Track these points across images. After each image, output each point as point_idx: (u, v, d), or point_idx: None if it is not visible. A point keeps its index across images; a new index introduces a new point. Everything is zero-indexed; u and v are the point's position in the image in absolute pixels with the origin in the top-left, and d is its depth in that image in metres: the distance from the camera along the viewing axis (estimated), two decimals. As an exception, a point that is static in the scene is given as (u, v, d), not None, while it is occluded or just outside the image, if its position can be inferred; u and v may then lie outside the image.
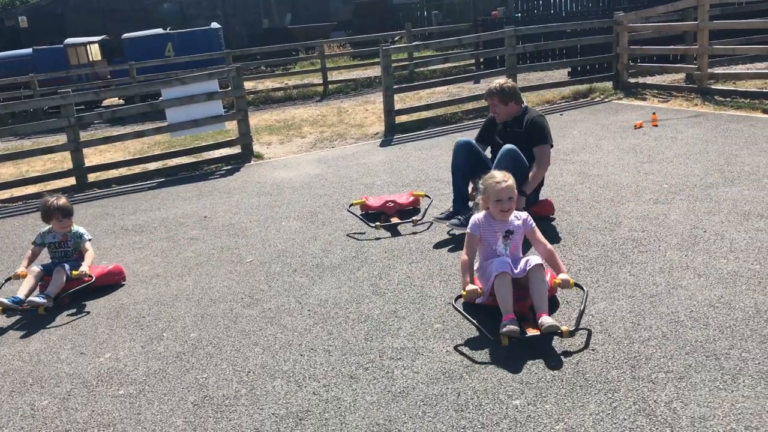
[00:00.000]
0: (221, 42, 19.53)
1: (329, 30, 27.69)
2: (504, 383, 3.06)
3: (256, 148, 9.35)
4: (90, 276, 4.66)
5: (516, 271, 3.55)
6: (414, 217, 5.40)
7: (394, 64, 11.97)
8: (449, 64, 16.52)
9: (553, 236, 4.76)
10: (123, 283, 4.90)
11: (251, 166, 8.69)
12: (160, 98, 8.66)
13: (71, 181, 8.47)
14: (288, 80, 19.17)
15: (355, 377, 3.26)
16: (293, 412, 3.03)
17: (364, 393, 3.12)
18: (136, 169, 8.98)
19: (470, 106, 10.74)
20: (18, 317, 4.50)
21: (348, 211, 5.81)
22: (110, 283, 4.85)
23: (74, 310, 4.49)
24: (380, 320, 3.83)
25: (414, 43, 16.27)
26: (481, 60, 16.07)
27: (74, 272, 4.59)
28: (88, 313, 4.43)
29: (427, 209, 5.55)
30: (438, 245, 4.91)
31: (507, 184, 3.69)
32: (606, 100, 10.52)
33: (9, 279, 4.75)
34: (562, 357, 3.22)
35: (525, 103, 5.28)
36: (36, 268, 4.65)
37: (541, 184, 5.23)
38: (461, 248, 4.74)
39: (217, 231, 5.91)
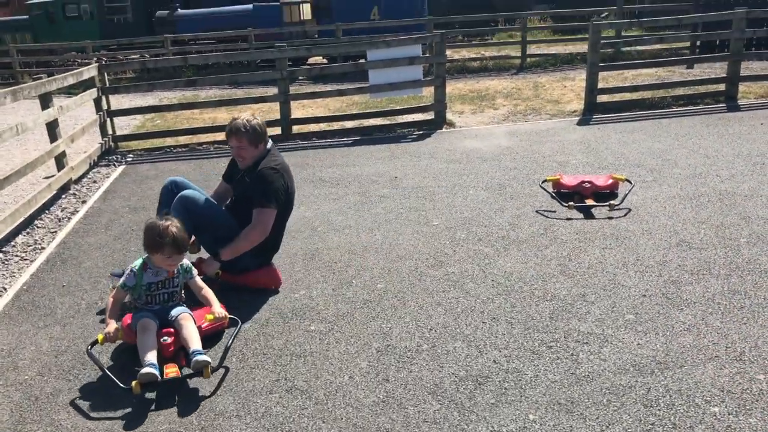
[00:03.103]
0: (425, 8, 19.69)
1: (532, 1, 26.89)
2: (701, 387, 2.85)
3: (448, 116, 9.40)
4: (236, 319, 3.56)
5: None
6: (611, 201, 5.14)
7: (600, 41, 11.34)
8: (660, 46, 15.41)
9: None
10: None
11: (442, 133, 8.76)
12: (362, 60, 8.97)
13: (277, 130, 9.09)
14: (484, 51, 18.97)
15: (538, 353, 3.21)
16: (473, 376, 3.06)
17: (546, 370, 3.06)
18: (335, 125, 9.43)
19: (681, 91, 9.94)
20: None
21: (540, 186, 5.68)
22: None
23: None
24: (567, 301, 3.73)
25: (626, 21, 15.30)
26: (698, 43, 14.74)
27: (209, 316, 3.42)
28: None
29: (626, 195, 5.25)
30: (636, 234, 4.64)
31: None
32: None
33: (94, 344, 3.31)
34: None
35: (270, 144, 4.17)
36: (150, 321, 3.29)
37: (275, 247, 4.24)
38: (664, 240, 4.47)
39: (407, 192, 6.06)
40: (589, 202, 5.24)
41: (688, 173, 5.99)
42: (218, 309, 3.47)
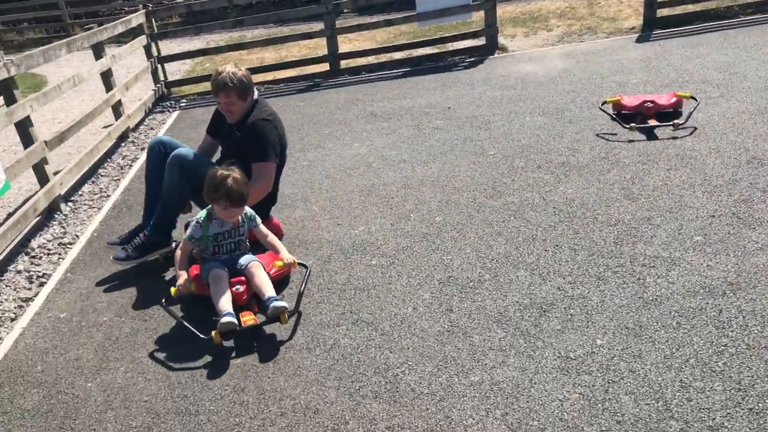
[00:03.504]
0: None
1: None
2: (777, 307, 2.77)
3: (500, 40, 9.09)
4: (303, 264, 3.61)
5: None
6: (675, 120, 4.93)
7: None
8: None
9: None
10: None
11: (495, 59, 8.51)
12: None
13: (325, 66, 9.01)
14: (534, -30, 18.10)
15: (603, 279, 3.17)
16: (537, 303, 3.05)
17: (612, 295, 3.02)
18: (383, 57, 9.26)
19: (749, -2, 9.30)
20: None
21: (600, 109, 5.48)
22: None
23: (332, 190, 4.88)
24: (632, 225, 3.64)
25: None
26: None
27: (278, 263, 3.42)
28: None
29: (692, 113, 5.02)
30: (703, 153, 4.46)
31: None
32: None
33: (168, 298, 3.38)
34: None
35: (257, 94, 3.95)
36: (221, 272, 3.30)
37: (272, 201, 4.07)
38: (734, 158, 4.28)
39: (460, 122, 5.95)
40: (652, 122, 5.04)
41: (758, 86, 5.66)
42: (286, 255, 3.42)
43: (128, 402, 2.81)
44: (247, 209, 3.51)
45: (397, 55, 9.30)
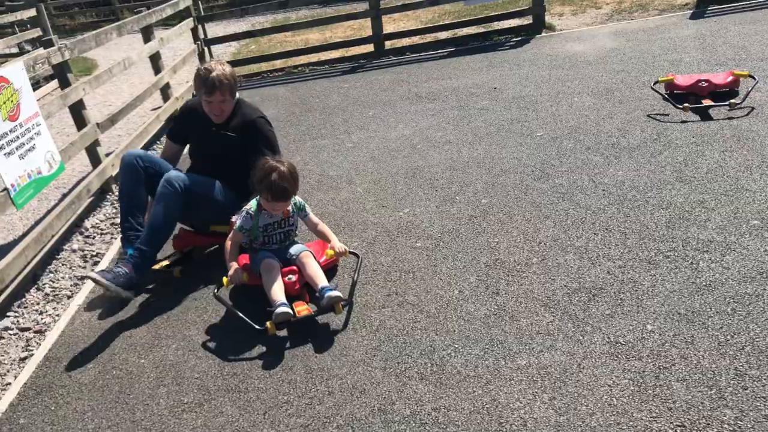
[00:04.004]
0: None
1: None
2: (839, 295, 2.67)
3: (547, 18, 8.90)
4: (355, 253, 3.53)
5: None
6: (732, 100, 4.76)
7: None
8: None
9: None
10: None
11: (542, 38, 8.34)
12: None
13: (369, 47, 8.98)
14: (583, -55, 17.62)
15: (654, 263, 3.10)
16: (586, 288, 3.00)
17: (664, 280, 2.96)
18: (428, 38, 9.18)
19: (812, -29, 8.88)
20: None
21: (651, 88, 5.33)
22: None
23: (377, 172, 4.88)
24: (684, 209, 3.54)
25: None
26: None
27: (329, 251, 3.37)
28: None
29: (749, 92, 4.83)
30: (761, 134, 4.30)
31: None
32: None
33: (220, 287, 3.36)
34: None
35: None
36: (273, 262, 3.27)
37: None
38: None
39: (507, 103, 5.86)
40: (707, 102, 4.88)
41: (821, 64, 5.43)
42: (338, 244, 3.36)
43: (180, 378, 2.89)
44: (297, 199, 3.46)
45: (443, 35, 9.20)
